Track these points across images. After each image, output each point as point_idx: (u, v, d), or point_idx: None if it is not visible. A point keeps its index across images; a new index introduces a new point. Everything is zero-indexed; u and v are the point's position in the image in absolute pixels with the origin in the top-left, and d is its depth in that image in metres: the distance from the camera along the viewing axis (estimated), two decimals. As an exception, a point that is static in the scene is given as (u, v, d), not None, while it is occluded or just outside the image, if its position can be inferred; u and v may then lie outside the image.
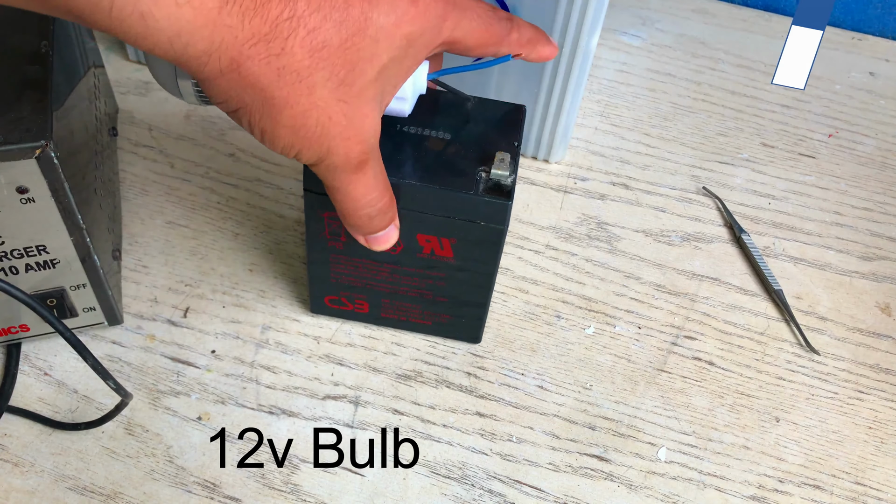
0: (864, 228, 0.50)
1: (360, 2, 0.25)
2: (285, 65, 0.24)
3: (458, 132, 0.35)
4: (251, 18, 0.24)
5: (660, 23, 0.63)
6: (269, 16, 0.24)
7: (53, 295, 0.37)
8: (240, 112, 0.26)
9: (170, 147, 0.50)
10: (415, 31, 0.27)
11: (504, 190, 0.33)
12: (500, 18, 0.31)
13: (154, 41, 0.23)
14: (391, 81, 0.28)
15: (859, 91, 0.59)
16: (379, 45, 0.26)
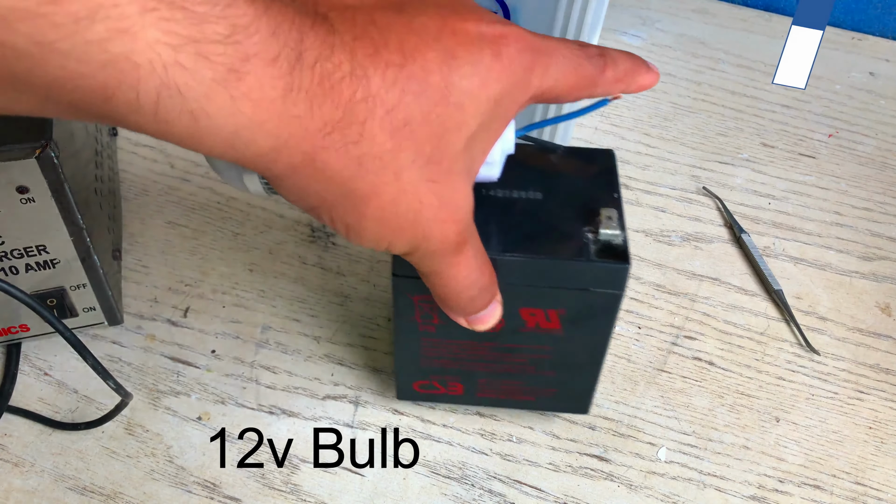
0: (864, 228, 0.50)
1: (438, 66, 0.22)
2: (366, 152, 0.21)
3: (549, 189, 0.32)
4: (321, 104, 0.20)
5: (660, 23, 0.63)
6: (340, 99, 0.20)
7: (53, 295, 0.37)
8: (319, 209, 0.23)
9: (170, 147, 0.50)
10: (502, 89, 0.23)
11: (618, 251, 0.30)
12: (591, 56, 0.27)
13: (211, 143, 0.20)
14: (480, 148, 0.25)
15: (859, 91, 0.59)
16: (465, 111, 0.23)
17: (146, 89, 0.18)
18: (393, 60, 0.21)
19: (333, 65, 0.20)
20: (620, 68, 0.28)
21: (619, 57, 0.28)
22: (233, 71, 0.18)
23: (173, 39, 0.17)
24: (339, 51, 0.21)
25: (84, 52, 0.17)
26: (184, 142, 0.20)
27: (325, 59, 0.20)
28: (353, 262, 0.45)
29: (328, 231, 0.47)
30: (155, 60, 0.17)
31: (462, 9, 0.24)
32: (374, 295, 0.44)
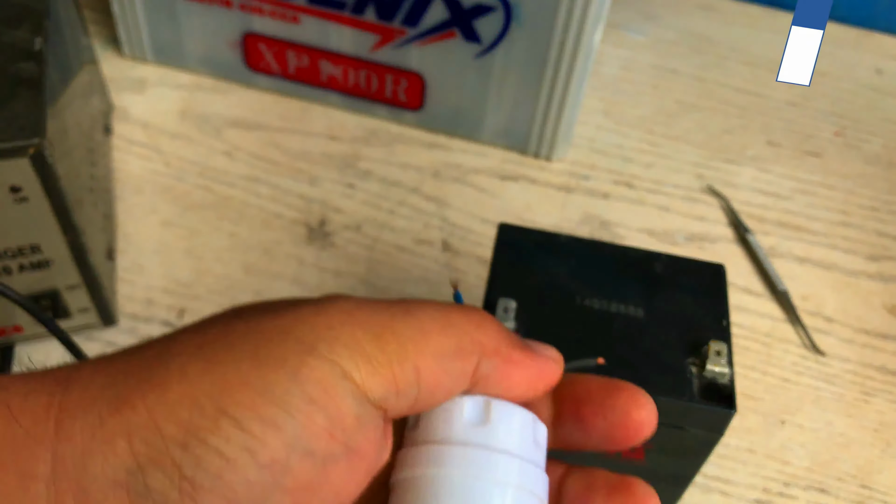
0: (870, 228, 0.50)
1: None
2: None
3: (651, 306, 0.30)
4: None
5: (664, 19, 0.62)
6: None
7: (47, 295, 0.36)
8: None
9: (165, 145, 0.49)
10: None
11: (724, 392, 0.27)
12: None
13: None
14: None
15: (866, 89, 0.59)
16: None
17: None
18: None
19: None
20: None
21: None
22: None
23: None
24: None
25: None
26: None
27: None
28: (351, 262, 0.45)
29: (326, 231, 0.46)
30: None
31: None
32: (372, 296, 0.43)
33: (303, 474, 0.16)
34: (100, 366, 0.17)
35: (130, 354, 0.17)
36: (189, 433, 0.15)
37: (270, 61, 0.51)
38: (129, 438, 0.15)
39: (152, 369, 0.16)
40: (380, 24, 0.46)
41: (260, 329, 0.17)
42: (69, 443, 0.15)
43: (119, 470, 0.15)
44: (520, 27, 0.44)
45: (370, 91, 0.50)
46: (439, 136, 0.52)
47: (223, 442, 0.15)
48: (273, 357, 0.16)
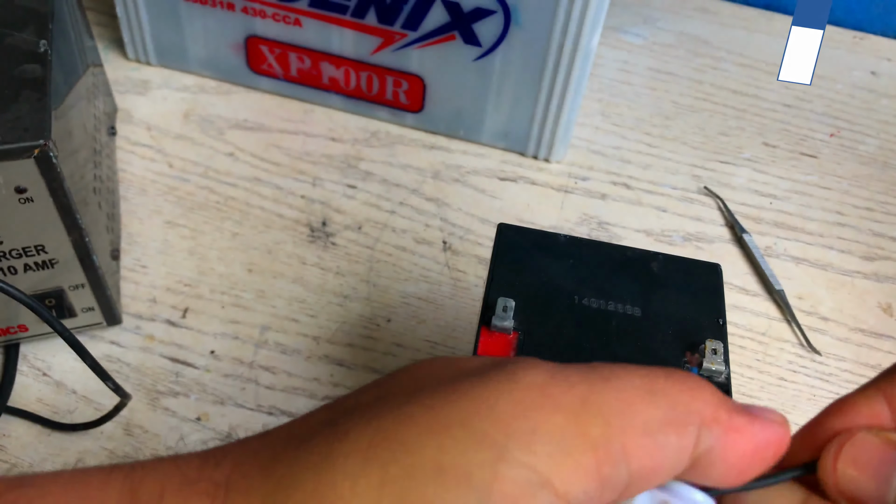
0: (866, 228, 0.50)
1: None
2: None
3: (648, 305, 0.30)
4: None
5: (661, 21, 0.63)
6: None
7: (52, 295, 0.37)
8: None
9: (168, 146, 0.50)
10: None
11: (720, 390, 0.26)
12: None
13: None
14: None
15: (861, 90, 0.59)
16: None
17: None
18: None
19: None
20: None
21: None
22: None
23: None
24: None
25: None
26: None
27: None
28: (352, 262, 0.45)
29: (328, 231, 0.46)
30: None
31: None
32: (373, 295, 0.44)
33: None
34: (257, 464, 0.15)
35: (292, 452, 0.15)
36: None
37: (273, 64, 0.51)
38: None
39: (320, 477, 0.15)
40: (380, 28, 0.47)
41: (439, 418, 0.15)
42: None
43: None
44: (519, 30, 0.45)
45: (371, 93, 0.51)
46: (439, 138, 0.52)
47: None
48: (457, 468, 0.14)
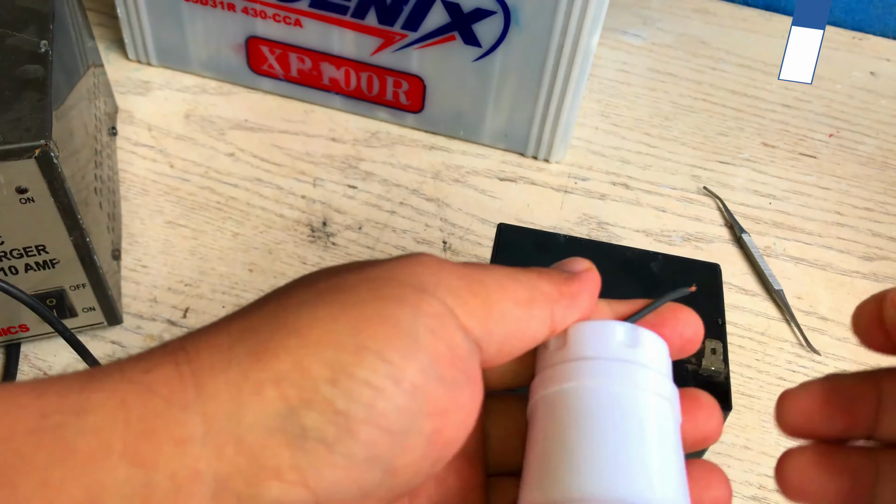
0: (865, 228, 0.50)
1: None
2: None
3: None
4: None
5: (660, 22, 0.63)
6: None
7: (53, 295, 0.37)
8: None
9: (169, 146, 0.50)
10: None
11: (720, 390, 0.27)
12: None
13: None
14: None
15: (860, 91, 0.59)
16: None
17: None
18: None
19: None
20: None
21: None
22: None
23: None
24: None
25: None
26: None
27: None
28: (353, 262, 0.45)
29: (328, 231, 0.46)
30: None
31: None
32: (374, 295, 0.44)
33: (438, 399, 0.17)
34: (218, 329, 0.17)
35: (245, 314, 0.18)
36: (336, 370, 0.16)
37: (273, 64, 0.51)
38: (277, 385, 0.16)
39: (280, 319, 0.17)
40: (381, 29, 0.47)
41: (370, 277, 0.18)
42: (215, 401, 0.15)
43: (272, 416, 0.15)
44: (519, 31, 0.45)
45: (371, 94, 0.51)
46: (439, 138, 0.52)
47: (370, 373, 0.16)
48: (394, 296, 0.17)
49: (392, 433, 0.16)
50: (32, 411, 0.15)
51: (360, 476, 0.16)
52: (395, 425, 0.16)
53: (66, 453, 0.14)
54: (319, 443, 0.16)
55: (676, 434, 0.20)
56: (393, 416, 0.16)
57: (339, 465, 0.16)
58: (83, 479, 0.14)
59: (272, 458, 0.15)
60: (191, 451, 0.15)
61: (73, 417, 0.15)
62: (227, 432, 0.15)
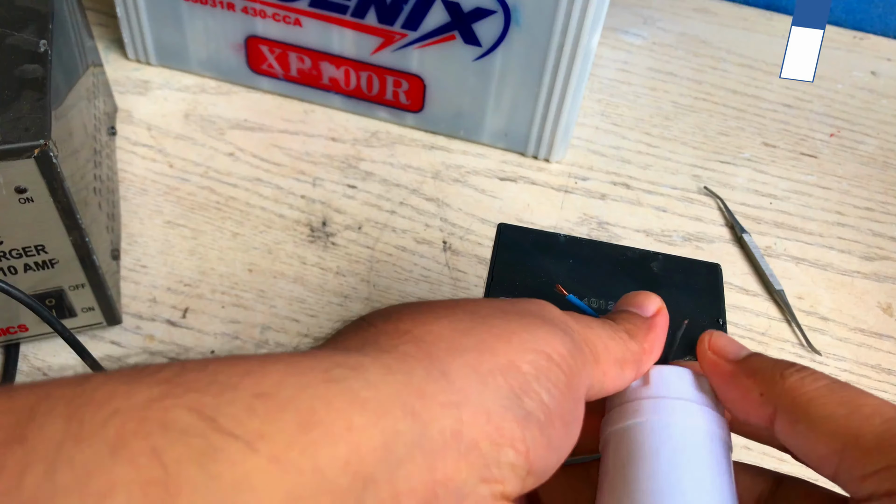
0: (865, 228, 0.50)
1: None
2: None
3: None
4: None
5: (661, 22, 0.63)
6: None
7: (52, 295, 0.37)
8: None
9: (169, 146, 0.50)
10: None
11: None
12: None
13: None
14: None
15: (861, 90, 0.59)
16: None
17: None
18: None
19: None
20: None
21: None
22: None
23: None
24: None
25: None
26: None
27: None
28: (352, 262, 0.45)
29: (328, 231, 0.46)
30: None
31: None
32: (373, 295, 0.44)
33: (577, 411, 0.21)
34: (425, 324, 0.20)
35: (434, 320, 0.20)
36: (538, 370, 0.19)
37: (273, 64, 0.51)
38: (502, 374, 0.19)
39: (483, 325, 0.20)
40: (381, 28, 0.47)
41: (522, 310, 0.21)
42: (464, 379, 0.18)
43: (505, 398, 0.19)
44: (519, 30, 0.45)
45: (371, 93, 0.51)
46: (439, 138, 0.52)
47: (556, 378, 0.20)
48: (549, 321, 0.21)
49: (567, 429, 0.20)
50: (316, 367, 0.16)
51: (551, 459, 0.19)
52: (569, 423, 0.20)
53: (360, 402, 0.16)
54: (536, 425, 0.19)
55: (730, 464, 0.23)
56: (568, 415, 0.20)
57: (544, 445, 0.19)
58: (378, 426, 0.16)
59: (510, 431, 0.18)
60: (454, 414, 0.17)
61: (354, 373, 0.17)
62: (479, 405, 0.18)
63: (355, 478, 0.15)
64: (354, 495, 0.15)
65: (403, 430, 0.16)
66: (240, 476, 0.13)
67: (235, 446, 0.13)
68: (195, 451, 0.13)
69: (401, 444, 0.16)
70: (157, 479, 0.12)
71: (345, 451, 0.15)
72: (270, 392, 0.15)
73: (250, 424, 0.14)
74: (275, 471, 0.14)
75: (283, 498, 0.14)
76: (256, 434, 0.14)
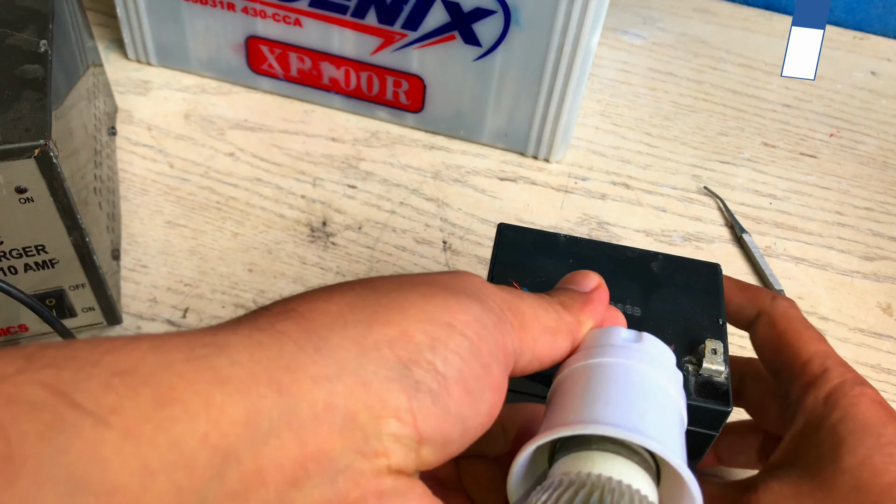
0: (865, 228, 0.50)
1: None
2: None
3: (648, 305, 0.30)
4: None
5: (661, 22, 0.63)
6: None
7: (52, 295, 0.37)
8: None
9: (169, 146, 0.50)
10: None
11: (720, 390, 0.27)
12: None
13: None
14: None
15: (861, 90, 0.59)
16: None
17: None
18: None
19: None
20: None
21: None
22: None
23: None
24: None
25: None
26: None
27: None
28: (352, 262, 0.45)
29: (328, 231, 0.46)
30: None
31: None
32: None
33: (496, 378, 0.21)
34: (318, 299, 0.20)
35: (336, 294, 0.20)
36: (434, 339, 0.19)
37: (273, 64, 0.51)
38: (390, 346, 0.19)
39: (380, 299, 0.20)
40: (381, 28, 0.47)
41: (432, 280, 0.22)
42: (343, 351, 0.18)
43: (390, 369, 0.18)
44: (519, 30, 0.45)
45: (371, 93, 0.51)
46: (439, 138, 0.52)
47: (457, 346, 0.20)
48: (464, 292, 0.21)
49: (472, 396, 0.20)
50: (181, 346, 0.16)
51: (449, 428, 0.19)
52: (474, 391, 0.20)
53: (221, 379, 0.16)
54: (427, 394, 0.19)
55: (677, 410, 0.23)
56: (473, 382, 0.20)
57: (437, 415, 0.19)
58: (241, 402, 0.16)
59: (393, 401, 0.18)
60: (326, 387, 0.17)
61: (218, 351, 0.17)
62: (356, 376, 0.18)
63: (214, 452, 0.15)
64: (213, 470, 0.15)
65: (268, 406, 0.16)
66: (90, 449, 0.13)
67: (88, 421, 0.13)
68: (42, 425, 0.13)
69: (265, 420, 0.16)
70: (1, 453, 0.12)
71: (203, 427, 0.15)
72: (130, 370, 0.15)
73: (105, 399, 0.14)
74: (128, 444, 0.14)
75: (136, 470, 0.14)
76: (110, 409, 0.14)
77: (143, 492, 0.14)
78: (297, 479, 0.16)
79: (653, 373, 0.22)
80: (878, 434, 0.25)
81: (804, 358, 0.28)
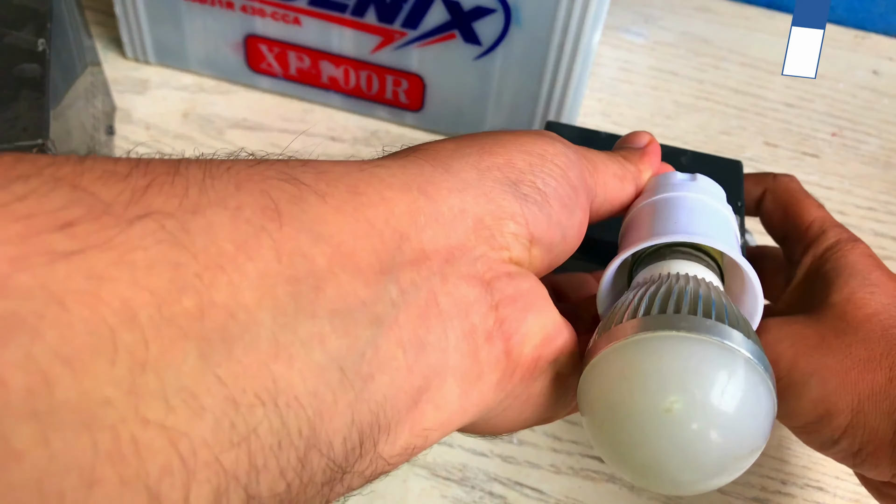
0: (868, 228, 0.50)
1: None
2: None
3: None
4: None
5: (662, 20, 0.62)
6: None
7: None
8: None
9: (167, 146, 0.50)
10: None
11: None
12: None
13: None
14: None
15: (863, 90, 0.59)
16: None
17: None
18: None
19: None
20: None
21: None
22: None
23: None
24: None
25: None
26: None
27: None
28: (352, 261, 0.45)
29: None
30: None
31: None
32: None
33: (582, 201, 0.25)
34: (441, 147, 0.23)
35: (452, 143, 0.24)
36: (533, 165, 0.23)
37: (272, 63, 0.51)
38: (500, 170, 0.23)
39: (485, 141, 0.24)
40: (380, 27, 0.47)
41: (518, 131, 0.25)
42: (464, 172, 0.22)
43: (503, 185, 0.22)
44: (519, 29, 0.45)
45: (371, 92, 0.51)
46: (440, 137, 0.52)
47: (549, 170, 0.24)
48: (545, 135, 0.25)
49: (567, 210, 0.24)
50: (351, 163, 0.20)
51: (552, 233, 0.23)
52: (568, 206, 0.24)
53: (387, 185, 0.20)
54: (534, 204, 0.23)
55: (733, 227, 0.27)
56: (566, 199, 0.24)
57: (543, 220, 0.23)
58: (403, 200, 0.20)
59: (509, 207, 0.22)
60: (459, 196, 0.21)
61: (379, 167, 0.21)
62: (478, 188, 0.22)
63: (394, 231, 0.19)
64: (395, 243, 0.19)
65: (421, 206, 0.20)
66: (319, 214, 0.18)
67: (313, 197, 0.18)
68: (289, 195, 0.17)
69: (421, 215, 0.20)
70: (270, 206, 0.17)
71: (384, 212, 0.19)
72: (327, 171, 0.19)
73: (318, 186, 0.18)
74: (339, 216, 0.18)
75: (349, 232, 0.18)
76: (323, 192, 0.18)
77: (355, 247, 0.18)
78: (450, 258, 0.21)
79: (710, 200, 0.27)
80: (864, 276, 0.29)
81: (806, 223, 0.32)
